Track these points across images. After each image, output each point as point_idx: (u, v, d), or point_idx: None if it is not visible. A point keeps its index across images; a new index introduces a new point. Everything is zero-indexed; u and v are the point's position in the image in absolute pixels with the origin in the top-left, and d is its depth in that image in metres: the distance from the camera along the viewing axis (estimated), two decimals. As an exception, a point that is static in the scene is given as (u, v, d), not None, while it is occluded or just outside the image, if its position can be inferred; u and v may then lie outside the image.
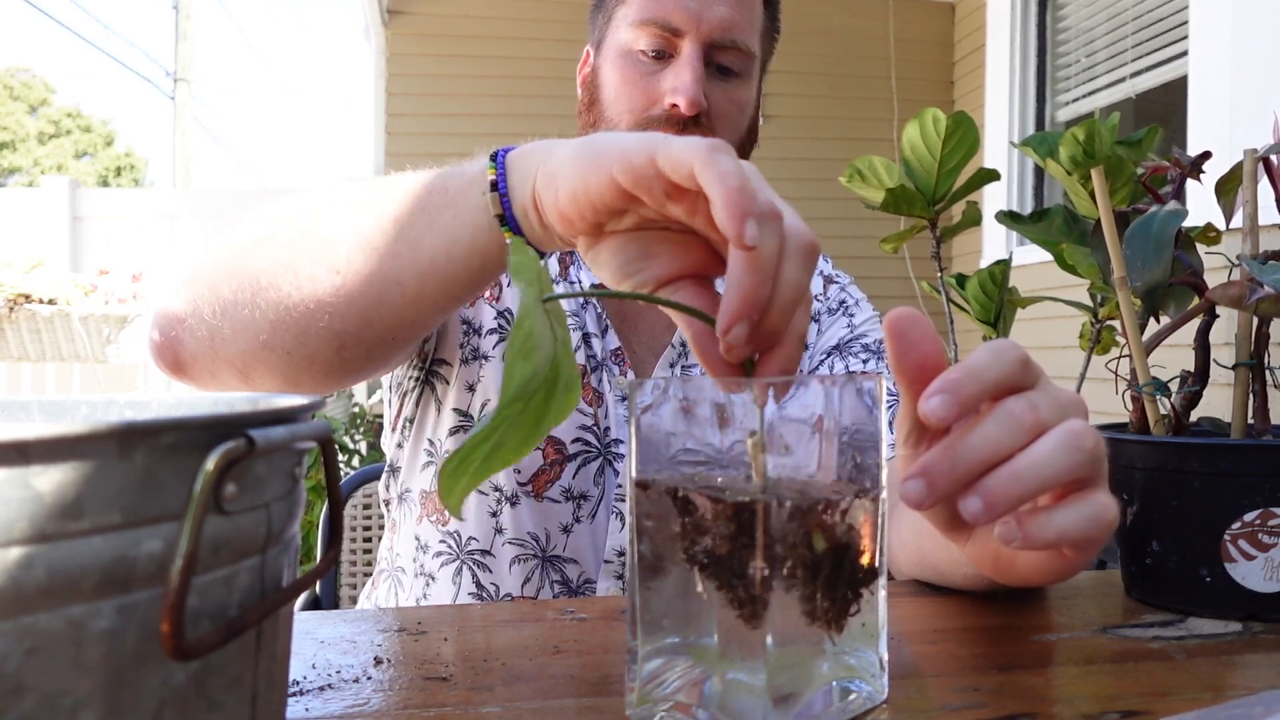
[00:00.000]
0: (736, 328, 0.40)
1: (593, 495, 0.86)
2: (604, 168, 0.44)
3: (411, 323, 0.59)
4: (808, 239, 0.43)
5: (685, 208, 0.43)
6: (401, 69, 4.35)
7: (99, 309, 3.20)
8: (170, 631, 0.24)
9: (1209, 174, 0.66)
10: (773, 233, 0.41)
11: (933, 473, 0.40)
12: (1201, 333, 0.62)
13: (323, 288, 0.57)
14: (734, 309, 0.40)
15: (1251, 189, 0.60)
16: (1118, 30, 3.24)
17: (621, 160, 0.44)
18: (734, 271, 0.40)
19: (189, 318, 0.62)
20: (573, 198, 0.46)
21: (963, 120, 0.97)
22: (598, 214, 0.46)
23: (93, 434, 0.24)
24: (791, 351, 0.43)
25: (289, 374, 0.61)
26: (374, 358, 0.61)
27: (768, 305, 0.41)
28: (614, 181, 0.44)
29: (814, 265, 0.43)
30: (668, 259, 0.46)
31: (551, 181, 0.48)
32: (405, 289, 0.56)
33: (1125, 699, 0.42)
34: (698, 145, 0.41)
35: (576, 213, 0.46)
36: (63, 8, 24.44)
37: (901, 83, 4.46)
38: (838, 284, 0.99)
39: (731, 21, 0.85)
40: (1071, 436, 0.41)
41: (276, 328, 0.58)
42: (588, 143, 0.47)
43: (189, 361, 0.63)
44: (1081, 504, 0.42)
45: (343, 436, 3.56)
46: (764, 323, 0.41)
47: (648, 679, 0.39)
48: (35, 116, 23.42)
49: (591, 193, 0.45)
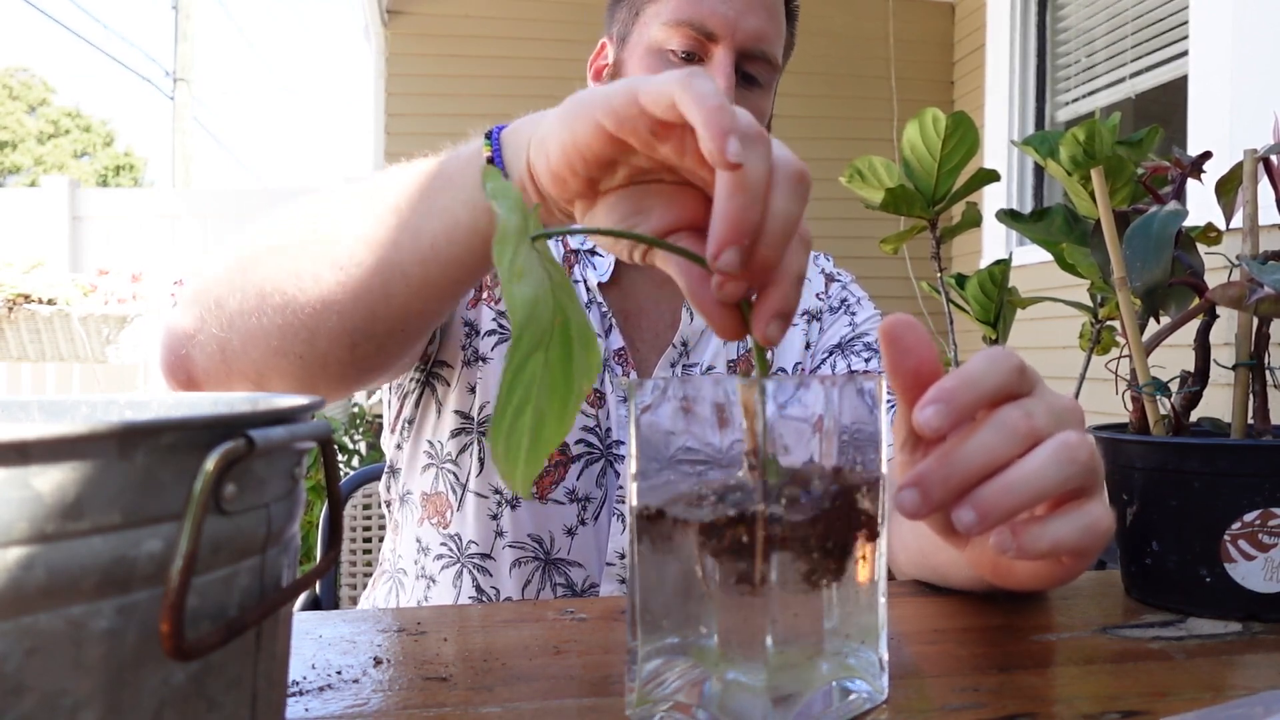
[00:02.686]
0: (726, 254, 0.38)
1: (596, 497, 0.86)
2: (589, 117, 0.43)
3: (420, 312, 0.58)
4: (797, 166, 0.41)
5: (673, 145, 0.42)
6: (401, 69, 4.35)
7: (99, 309, 3.20)
8: (170, 631, 0.24)
9: (1209, 174, 0.66)
10: (759, 155, 0.39)
11: (926, 483, 0.40)
12: (1201, 333, 0.62)
13: (328, 286, 0.56)
14: (722, 233, 0.38)
15: (1252, 189, 0.60)
16: (1118, 30, 3.24)
17: (604, 105, 0.43)
18: (720, 195, 0.39)
19: (198, 333, 0.61)
20: (562, 152, 0.45)
21: (962, 120, 0.97)
22: (588, 167, 0.45)
23: (93, 434, 0.24)
24: (788, 290, 0.41)
25: (304, 379, 0.60)
26: (386, 353, 0.61)
27: (758, 233, 0.39)
28: (600, 127, 0.43)
29: (806, 194, 0.41)
30: (661, 211, 0.45)
31: (542, 145, 0.47)
32: (410, 277, 0.55)
33: (1125, 699, 0.42)
34: (676, 75, 0.40)
35: (569, 169, 0.45)
36: (62, 7, 24.44)
37: (901, 83, 4.46)
38: (839, 282, 0.99)
39: (763, 32, 0.86)
40: (1065, 448, 0.41)
41: (286, 332, 0.58)
42: (571, 99, 0.46)
43: (202, 378, 0.63)
44: (1076, 514, 0.42)
45: (342, 437, 3.56)
46: (755, 253, 0.39)
47: (648, 679, 0.39)
48: (35, 116, 23.43)
49: (580, 143, 0.44)
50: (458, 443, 0.87)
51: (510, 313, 0.34)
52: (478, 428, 0.86)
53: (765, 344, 0.41)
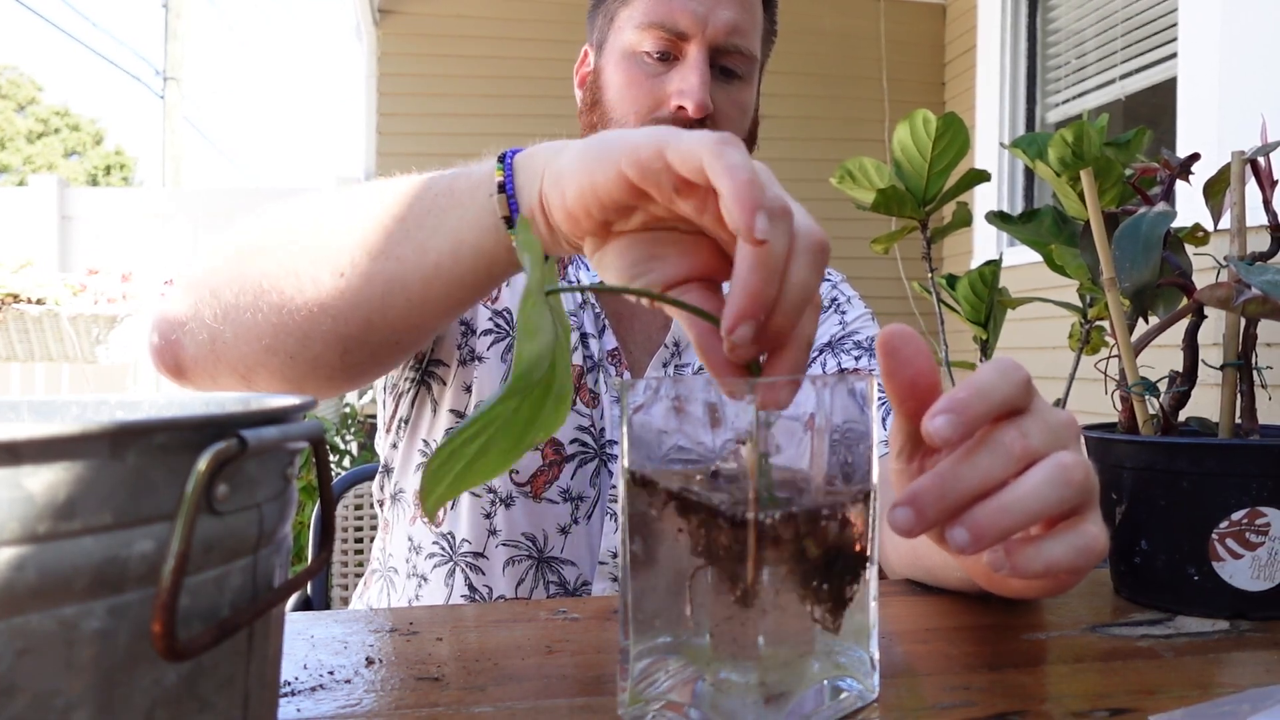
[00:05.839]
0: (741, 327, 0.39)
1: (589, 496, 0.86)
2: (612, 162, 0.43)
3: (416, 326, 0.58)
4: (818, 237, 0.42)
5: (694, 204, 0.42)
6: (393, 69, 4.34)
7: (88, 309, 3.19)
8: (162, 632, 0.24)
9: (1197, 175, 0.66)
10: (783, 230, 0.40)
11: (921, 502, 0.40)
12: (1190, 333, 0.62)
13: (326, 290, 0.56)
14: (739, 307, 0.39)
15: (1239, 191, 0.61)
16: (1108, 32, 3.25)
17: (630, 154, 0.43)
18: (741, 269, 0.39)
19: (190, 321, 0.61)
20: (580, 195, 0.45)
21: (953, 121, 0.98)
22: (605, 211, 0.45)
23: (84, 434, 0.24)
24: (798, 356, 0.41)
25: (292, 378, 0.60)
26: (378, 361, 0.61)
27: (774, 305, 0.40)
28: (622, 176, 0.43)
29: (824, 266, 0.42)
30: (675, 260, 0.45)
31: (559, 181, 0.47)
32: (410, 291, 0.55)
33: (1114, 697, 0.43)
34: (708, 138, 0.40)
35: (584, 210, 0.45)
36: (51, 5, 24.29)
37: (893, 84, 4.47)
38: (829, 282, 1.00)
39: (735, 25, 0.85)
40: (1061, 469, 0.41)
41: (279, 331, 0.58)
42: (595, 140, 0.46)
43: (189, 365, 0.63)
44: (1070, 535, 0.42)
45: (334, 437, 3.55)
46: (770, 323, 0.40)
47: (640, 678, 0.39)
48: (24, 115, 23.29)
49: (599, 188, 0.44)
50: None
51: (516, 365, 0.34)
52: None
53: (773, 408, 0.40)
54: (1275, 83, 2.19)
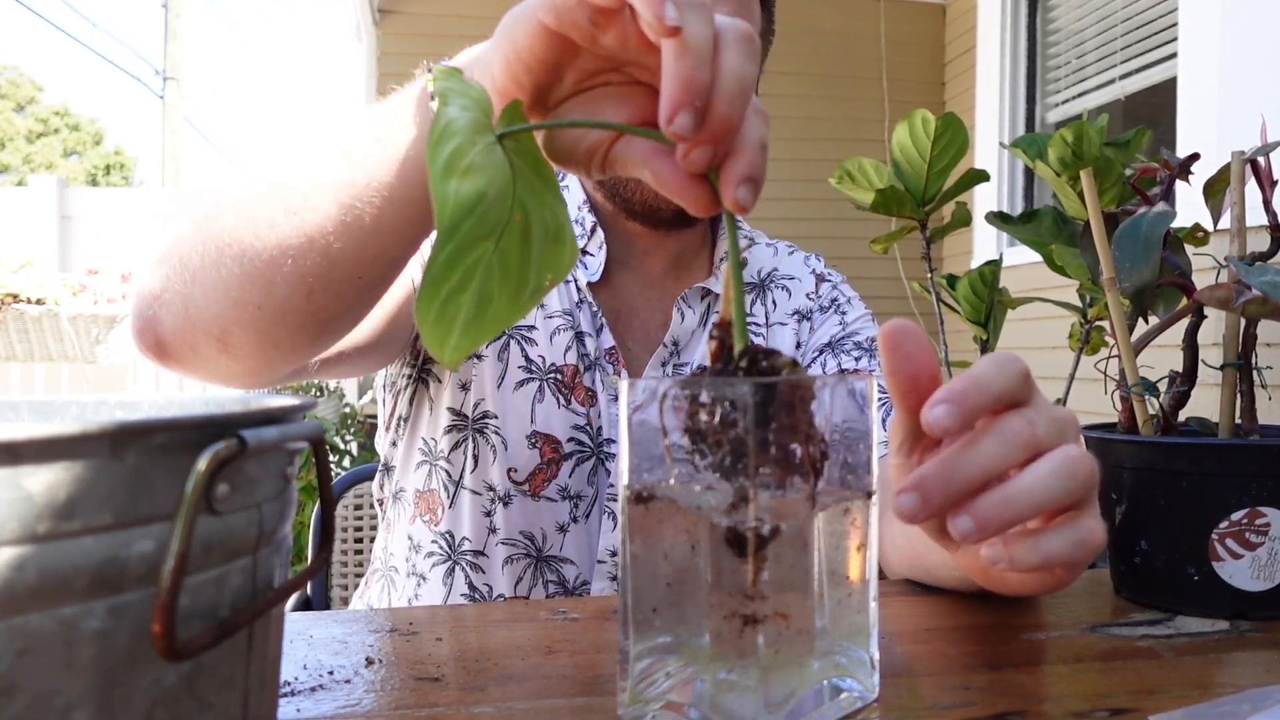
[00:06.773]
0: (679, 117, 0.37)
1: (587, 495, 0.86)
2: (529, 17, 0.43)
3: (375, 257, 0.57)
4: (743, 27, 0.40)
5: (616, 33, 0.42)
6: (392, 69, 4.34)
7: (88, 309, 3.19)
8: (162, 632, 0.24)
9: (1197, 176, 0.66)
10: (700, 18, 0.39)
11: (927, 487, 0.40)
12: (1189, 333, 0.62)
13: (282, 231, 0.56)
14: (672, 95, 0.37)
15: (1239, 191, 0.61)
16: (1108, 32, 3.25)
17: (544, 3, 0.42)
18: (666, 62, 0.38)
19: (164, 292, 0.62)
20: (506, 66, 0.45)
21: (952, 121, 0.98)
22: (533, 73, 0.44)
23: (84, 434, 0.24)
24: (753, 156, 0.40)
25: (264, 331, 0.60)
26: (345, 301, 0.60)
27: (710, 93, 0.38)
28: (541, 26, 0.43)
29: (756, 55, 0.40)
30: (613, 112, 0.44)
31: (486, 66, 0.47)
32: (363, 218, 0.55)
33: (1114, 697, 0.43)
34: None
35: (514, 81, 0.45)
36: (51, 5, 24.26)
37: (893, 84, 4.47)
38: (829, 282, 0.99)
39: None
40: (1067, 463, 0.41)
41: (244, 282, 0.58)
42: (507, 14, 0.46)
43: (169, 338, 0.63)
44: (1069, 529, 0.42)
45: (334, 437, 3.55)
46: (711, 113, 0.38)
47: (639, 678, 0.39)
48: (23, 115, 23.29)
49: (521, 49, 0.44)
50: (450, 439, 0.87)
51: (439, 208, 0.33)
52: (471, 425, 0.86)
53: (737, 210, 0.40)
54: (1275, 83, 2.19)
